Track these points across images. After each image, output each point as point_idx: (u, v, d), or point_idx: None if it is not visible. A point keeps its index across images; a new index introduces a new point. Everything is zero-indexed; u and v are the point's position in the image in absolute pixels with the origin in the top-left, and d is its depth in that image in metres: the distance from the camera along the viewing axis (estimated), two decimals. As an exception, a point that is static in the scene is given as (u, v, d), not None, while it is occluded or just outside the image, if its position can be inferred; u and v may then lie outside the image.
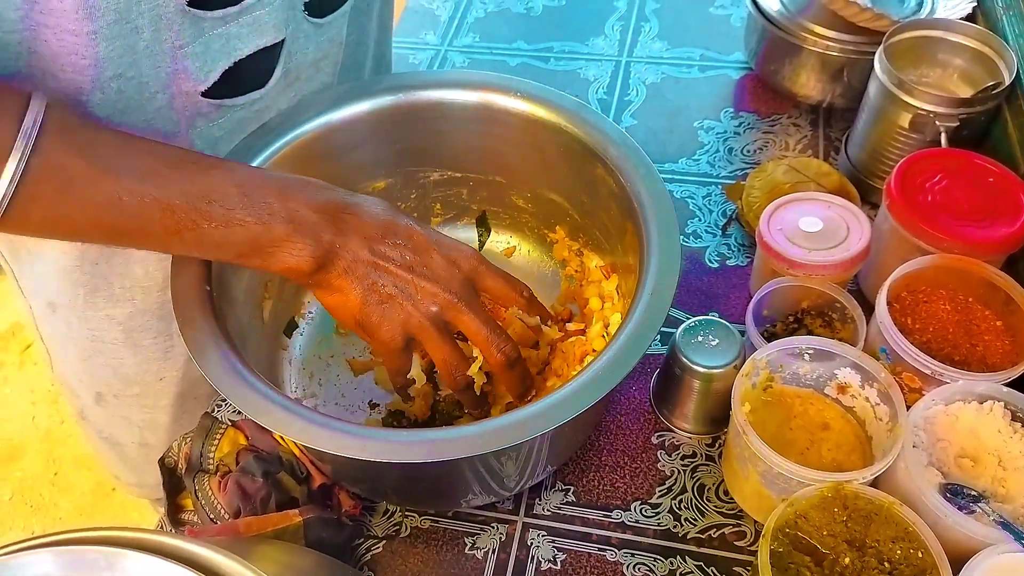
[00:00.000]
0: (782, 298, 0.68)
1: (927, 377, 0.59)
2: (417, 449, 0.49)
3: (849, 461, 0.59)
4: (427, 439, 0.50)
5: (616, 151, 0.64)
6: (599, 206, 0.67)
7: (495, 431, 0.49)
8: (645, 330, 0.53)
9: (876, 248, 0.69)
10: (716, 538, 0.62)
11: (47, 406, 1.92)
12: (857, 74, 0.85)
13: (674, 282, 0.56)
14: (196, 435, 0.66)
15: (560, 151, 0.68)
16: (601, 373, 0.51)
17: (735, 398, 0.57)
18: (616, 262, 0.68)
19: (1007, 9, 0.79)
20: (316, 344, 0.73)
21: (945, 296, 0.65)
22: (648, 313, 0.54)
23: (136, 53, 0.53)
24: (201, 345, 0.53)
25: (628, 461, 0.67)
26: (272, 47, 0.61)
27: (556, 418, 0.49)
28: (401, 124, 0.70)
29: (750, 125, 0.93)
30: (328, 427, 0.50)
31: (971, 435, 0.57)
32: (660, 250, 0.58)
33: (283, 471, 0.63)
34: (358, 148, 0.70)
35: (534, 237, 0.77)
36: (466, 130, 0.71)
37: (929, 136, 0.74)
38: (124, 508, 1.74)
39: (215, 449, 0.66)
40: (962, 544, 0.51)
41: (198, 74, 0.57)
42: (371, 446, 0.49)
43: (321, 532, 0.59)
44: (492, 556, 0.62)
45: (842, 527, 0.52)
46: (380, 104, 0.69)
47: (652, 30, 1.07)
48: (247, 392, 0.51)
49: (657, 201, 0.60)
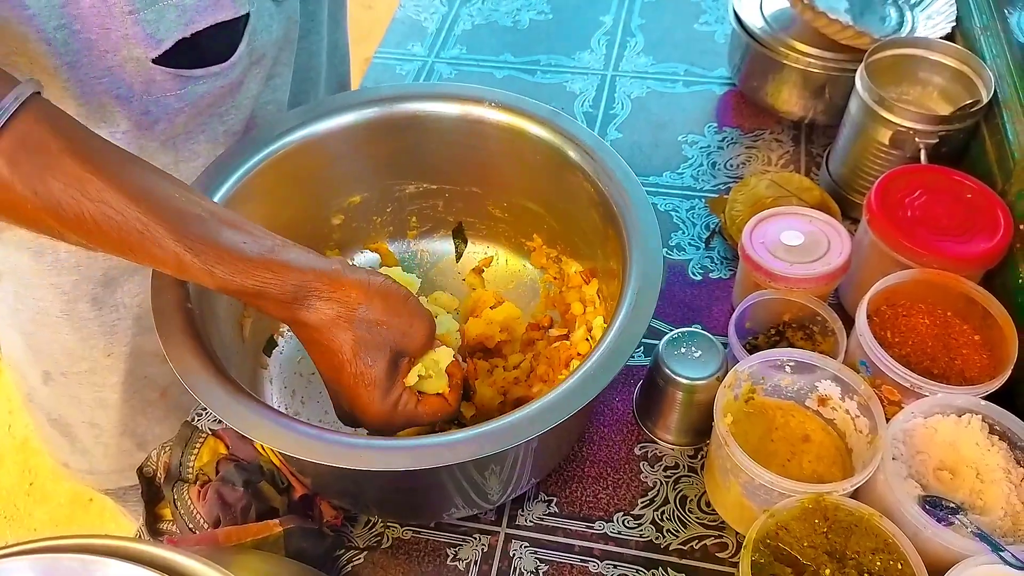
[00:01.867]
0: (764, 311, 0.68)
1: (906, 390, 0.60)
2: (401, 457, 0.48)
3: (830, 473, 0.59)
4: (410, 447, 0.50)
5: (593, 157, 0.64)
6: (578, 212, 0.67)
7: (480, 438, 0.49)
8: (631, 334, 0.53)
9: (856, 262, 0.70)
10: (698, 549, 0.62)
11: (23, 415, 1.89)
12: (838, 91, 0.87)
13: (657, 286, 0.56)
14: (175, 444, 0.66)
15: (536, 159, 0.68)
16: (588, 378, 0.51)
17: (717, 409, 0.58)
18: (596, 267, 0.68)
19: (984, 30, 0.80)
20: (296, 362, 0.72)
21: (924, 310, 0.66)
22: (633, 316, 0.54)
23: (80, 8, 0.53)
24: (182, 358, 0.52)
25: (611, 472, 0.67)
26: (235, 22, 0.61)
27: (542, 424, 0.49)
28: (379, 137, 0.70)
29: (733, 140, 0.94)
30: (318, 438, 0.49)
31: (950, 448, 0.58)
32: (642, 254, 0.58)
33: (264, 480, 0.63)
34: (337, 161, 0.70)
35: (511, 246, 0.77)
36: (441, 141, 0.71)
37: (909, 152, 0.75)
38: (101, 519, 1.71)
39: (195, 458, 0.65)
40: (941, 555, 0.52)
41: (149, 41, 0.57)
42: (355, 455, 0.49)
43: (302, 542, 0.59)
44: (474, 567, 0.62)
45: (822, 538, 0.53)
46: (362, 117, 0.69)
47: (638, 45, 1.08)
48: (233, 404, 0.51)
49: (637, 205, 0.61)
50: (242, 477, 0.61)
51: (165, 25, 0.57)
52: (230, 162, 0.64)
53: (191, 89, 0.62)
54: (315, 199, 0.71)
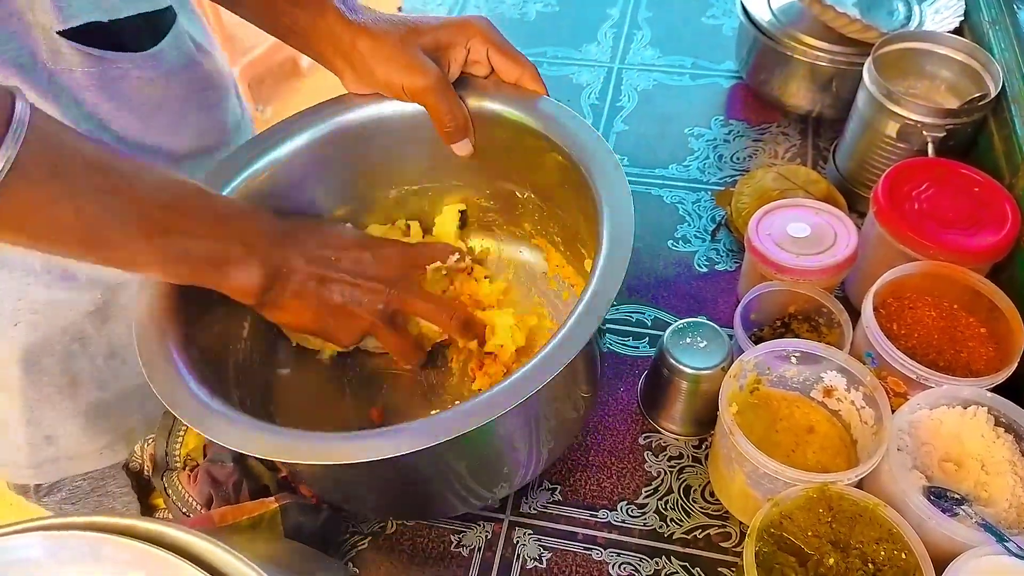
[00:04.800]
0: (770, 302, 0.68)
1: (912, 382, 0.60)
2: (396, 441, 0.46)
3: (834, 464, 0.59)
4: (401, 432, 0.47)
5: (554, 123, 0.62)
6: (553, 184, 0.66)
7: (473, 409, 0.47)
8: (614, 269, 0.52)
9: (863, 254, 0.69)
10: (701, 539, 0.62)
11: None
12: (846, 85, 0.86)
13: (631, 226, 0.55)
14: (159, 435, 0.66)
15: (505, 137, 0.66)
16: (573, 329, 0.50)
17: (723, 399, 0.58)
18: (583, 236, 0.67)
19: (993, 23, 0.80)
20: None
21: (930, 303, 0.65)
22: (607, 270, 0.53)
23: None
24: (157, 367, 0.52)
25: (615, 461, 0.67)
26: (162, 16, 0.62)
27: (544, 376, 0.47)
28: (343, 148, 0.67)
29: (740, 133, 0.94)
30: (293, 437, 0.48)
31: (955, 439, 0.58)
32: (610, 200, 0.57)
33: None
34: (309, 180, 0.67)
35: (505, 234, 0.75)
36: (409, 139, 0.68)
37: (916, 146, 0.75)
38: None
39: (180, 446, 0.65)
40: (945, 546, 0.52)
41: (57, 13, 0.56)
42: (351, 447, 0.47)
43: (299, 517, 0.58)
44: (478, 554, 0.62)
45: (827, 528, 0.53)
46: (318, 133, 0.66)
47: (644, 38, 1.08)
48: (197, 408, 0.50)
49: (600, 156, 0.60)
50: (231, 454, 0.61)
51: (79, 5, 0.56)
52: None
53: (102, 70, 0.61)
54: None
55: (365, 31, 0.62)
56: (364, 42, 0.62)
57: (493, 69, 0.65)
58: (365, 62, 0.63)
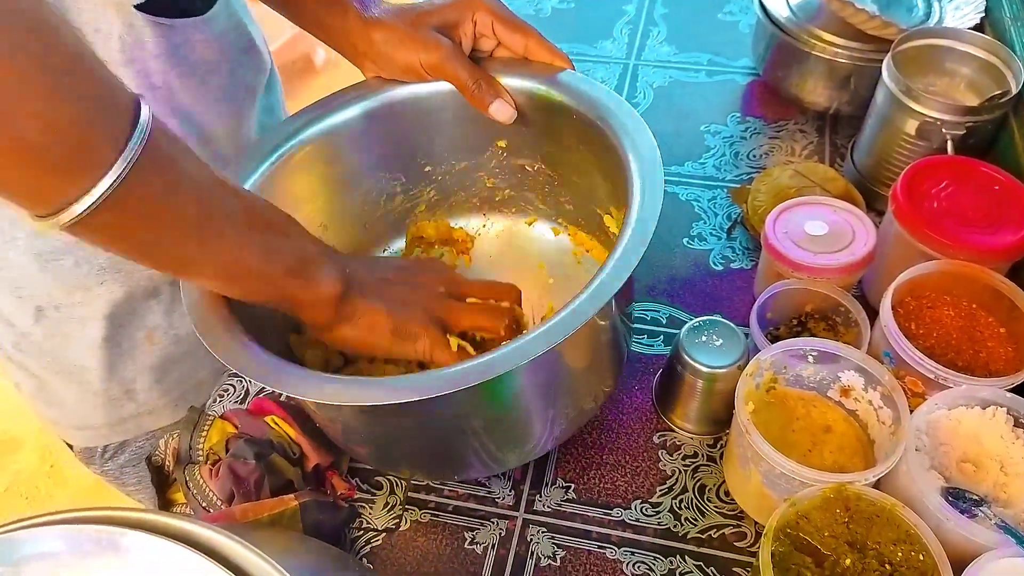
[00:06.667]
0: (786, 301, 0.68)
1: (930, 382, 0.59)
2: (439, 382, 0.47)
3: (851, 464, 0.59)
4: (443, 374, 0.48)
5: (566, 86, 0.64)
6: (567, 148, 0.67)
7: (504, 356, 0.48)
8: (643, 226, 0.52)
9: (881, 253, 0.69)
10: (716, 538, 0.62)
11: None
12: (864, 81, 0.86)
13: (658, 162, 0.56)
14: (183, 429, 0.66)
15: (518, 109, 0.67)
16: (606, 276, 0.50)
17: (739, 398, 0.57)
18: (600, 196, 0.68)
19: (1015, 20, 0.79)
20: None
21: (949, 302, 0.65)
22: (643, 208, 0.53)
23: None
24: (211, 326, 0.52)
25: (629, 460, 0.67)
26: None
27: (563, 331, 0.47)
28: (390, 121, 0.69)
29: (756, 130, 0.93)
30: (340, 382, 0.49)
31: (973, 440, 0.57)
32: (634, 148, 0.57)
33: (275, 453, 0.63)
34: (361, 151, 0.69)
35: (514, 211, 0.76)
36: (449, 119, 0.69)
37: (935, 144, 0.74)
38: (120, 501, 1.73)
39: (204, 440, 0.66)
40: (963, 548, 0.51)
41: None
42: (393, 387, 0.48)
43: (318, 515, 0.59)
44: (492, 551, 0.62)
45: (844, 528, 0.52)
46: (371, 105, 0.68)
47: (660, 34, 1.07)
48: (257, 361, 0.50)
49: (619, 111, 0.61)
50: (253, 450, 0.62)
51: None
52: (257, 152, 0.64)
53: (168, 39, 0.63)
54: (344, 183, 0.71)
55: (378, 23, 0.66)
56: (378, 33, 0.65)
57: (500, 42, 0.67)
58: (382, 52, 0.66)
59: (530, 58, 0.67)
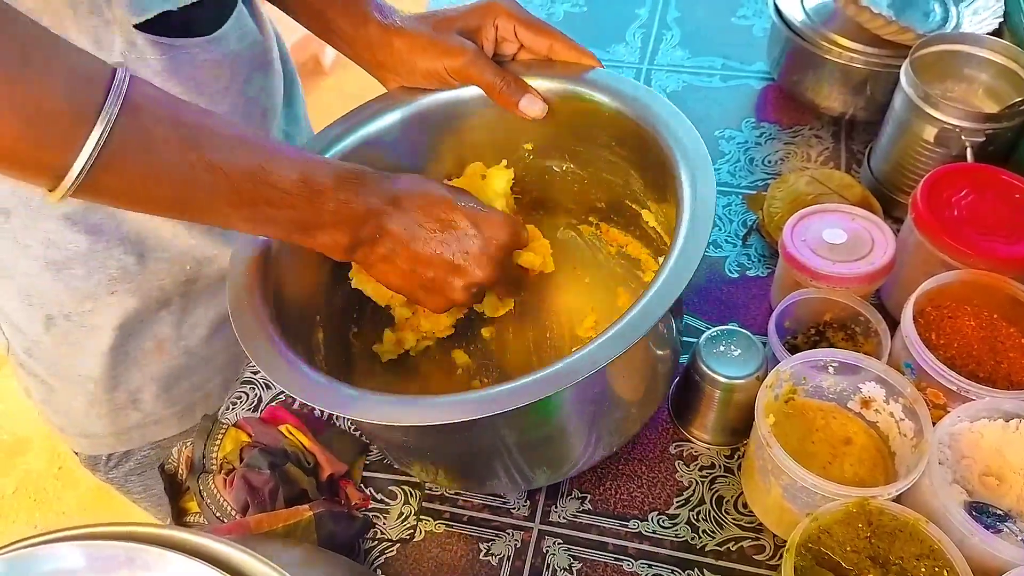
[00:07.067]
0: (805, 310, 0.67)
1: (952, 393, 0.59)
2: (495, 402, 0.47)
3: (871, 477, 0.58)
4: (498, 392, 0.48)
5: (599, 84, 0.65)
6: (599, 146, 0.68)
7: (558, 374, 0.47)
8: (696, 237, 0.52)
9: (901, 261, 0.68)
10: (735, 551, 0.61)
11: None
12: (880, 87, 0.85)
13: (707, 156, 0.57)
14: (197, 438, 0.66)
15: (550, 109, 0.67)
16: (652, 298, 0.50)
17: (759, 410, 0.57)
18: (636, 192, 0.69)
19: (1035, 25, 0.78)
20: None
21: (970, 312, 0.64)
22: (694, 218, 0.53)
23: None
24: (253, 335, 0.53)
25: (645, 471, 0.66)
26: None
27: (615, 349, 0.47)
28: (423, 130, 0.69)
29: (771, 136, 0.93)
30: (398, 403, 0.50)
31: (996, 453, 0.56)
32: (679, 144, 0.58)
33: (289, 463, 0.62)
34: (398, 158, 0.69)
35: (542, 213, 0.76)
36: (482, 119, 0.69)
37: (954, 151, 0.74)
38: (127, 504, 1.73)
39: (218, 449, 0.65)
40: (987, 564, 0.51)
41: (131, 7, 0.59)
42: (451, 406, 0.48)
43: (333, 526, 0.59)
44: (507, 563, 0.62)
45: (866, 543, 0.52)
46: (405, 113, 0.68)
47: (674, 38, 1.07)
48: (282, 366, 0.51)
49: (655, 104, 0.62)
50: (267, 460, 0.61)
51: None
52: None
53: (172, 56, 0.63)
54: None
55: (399, 31, 0.65)
56: (399, 41, 0.65)
57: (522, 45, 0.67)
58: (404, 59, 0.65)
59: (555, 59, 0.66)
